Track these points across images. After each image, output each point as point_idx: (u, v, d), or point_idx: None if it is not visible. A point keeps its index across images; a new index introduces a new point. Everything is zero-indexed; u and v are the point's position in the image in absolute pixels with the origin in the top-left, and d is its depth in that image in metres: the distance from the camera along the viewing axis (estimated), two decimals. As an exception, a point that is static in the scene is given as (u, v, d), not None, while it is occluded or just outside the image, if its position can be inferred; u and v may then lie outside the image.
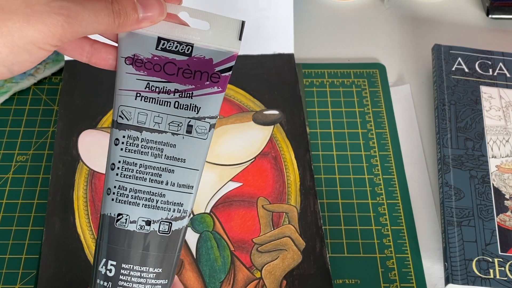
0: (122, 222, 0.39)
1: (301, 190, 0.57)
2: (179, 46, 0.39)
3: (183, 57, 0.39)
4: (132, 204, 0.39)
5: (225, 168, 0.58)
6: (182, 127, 0.39)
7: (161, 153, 0.39)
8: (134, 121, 0.39)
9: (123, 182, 0.39)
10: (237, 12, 0.65)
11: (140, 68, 0.39)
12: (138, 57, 0.39)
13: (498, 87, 0.63)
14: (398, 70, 0.68)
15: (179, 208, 0.39)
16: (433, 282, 0.53)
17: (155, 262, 0.39)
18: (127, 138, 0.39)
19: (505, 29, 0.72)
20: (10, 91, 0.63)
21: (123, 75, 0.39)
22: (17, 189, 0.58)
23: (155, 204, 0.39)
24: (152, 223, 0.39)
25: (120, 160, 0.39)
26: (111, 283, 0.38)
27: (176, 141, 0.39)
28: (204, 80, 0.40)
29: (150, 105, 0.39)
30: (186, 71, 0.39)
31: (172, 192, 0.39)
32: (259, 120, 0.61)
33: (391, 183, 0.59)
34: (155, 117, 0.39)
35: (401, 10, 0.74)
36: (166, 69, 0.39)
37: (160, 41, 0.39)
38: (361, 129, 0.63)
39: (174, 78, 0.39)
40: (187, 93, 0.39)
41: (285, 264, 0.53)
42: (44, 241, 0.53)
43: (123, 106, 0.39)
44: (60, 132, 0.60)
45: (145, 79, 0.39)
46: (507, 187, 0.56)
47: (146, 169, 0.39)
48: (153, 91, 0.39)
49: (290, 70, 0.65)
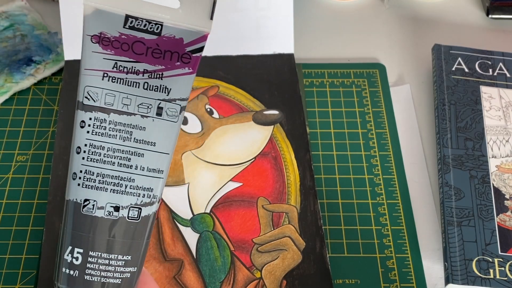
0: (89, 208, 0.37)
1: (301, 190, 0.57)
2: (148, 25, 0.38)
3: (152, 36, 0.38)
4: (99, 189, 0.37)
5: (225, 168, 0.58)
6: (152, 109, 0.38)
7: (130, 136, 0.38)
8: (101, 102, 0.37)
9: (90, 167, 0.37)
10: (237, 12, 0.65)
11: (107, 47, 0.37)
12: (105, 35, 0.37)
13: (498, 87, 0.63)
14: (398, 70, 0.68)
15: (149, 193, 0.38)
16: (433, 282, 0.53)
17: (124, 249, 0.37)
18: (94, 120, 0.37)
19: (505, 29, 0.72)
20: (10, 91, 0.63)
21: (89, 54, 0.37)
22: (17, 189, 0.58)
23: (123, 189, 0.37)
24: (121, 209, 0.37)
25: (87, 143, 0.37)
26: (77, 272, 0.37)
27: (145, 123, 0.38)
28: (175, 60, 0.38)
29: (118, 85, 0.37)
30: (155, 50, 0.38)
31: (142, 177, 0.38)
32: (259, 120, 0.61)
33: (391, 183, 0.59)
34: (124, 98, 0.37)
35: (401, 10, 0.74)
36: (135, 48, 0.38)
37: (128, 19, 0.37)
38: (361, 129, 0.63)
39: (143, 58, 0.38)
40: (156, 73, 0.38)
41: (285, 264, 0.53)
42: (44, 241, 0.53)
43: (89, 87, 0.37)
44: (60, 132, 0.60)
45: (113, 58, 0.37)
46: (507, 187, 0.56)
47: (114, 152, 0.37)
48: (121, 71, 0.37)
49: (290, 70, 0.65)
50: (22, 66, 0.65)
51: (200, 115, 0.61)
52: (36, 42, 0.67)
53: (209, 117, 0.61)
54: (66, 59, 0.65)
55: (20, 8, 0.71)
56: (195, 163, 0.58)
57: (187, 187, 0.57)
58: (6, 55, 0.66)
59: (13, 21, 0.69)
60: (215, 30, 0.66)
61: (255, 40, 0.66)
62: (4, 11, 0.70)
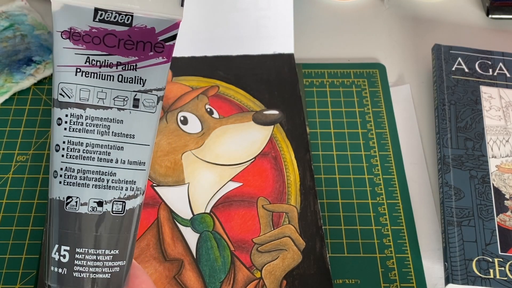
0: (73, 205, 0.37)
1: (301, 190, 0.57)
2: (118, 16, 0.37)
3: (123, 28, 0.37)
4: (81, 185, 0.37)
5: (225, 168, 0.58)
6: (128, 101, 0.37)
7: (108, 130, 0.37)
8: (76, 98, 0.37)
9: (70, 164, 0.37)
10: (237, 12, 0.65)
11: (78, 42, 0.37)
12: (75, 30, 0.37)
13: (498, 87, 0.63)
14: (398, 70, 0.68)
15: (132, 186, 0.38)
16: (433, 282, 0.53)
17: (111, 244, 0.37)
18: (70, 116, 0.37)
19: (505, 29, 0.72)
20: (10, 91, 0.64)
21: (60, 50, 0.37)
22: (17, 189, 0.58)
23: (106, 183, 0.37)
24: (104, 204, 0.37)
25: (65, 140, 0.37)
26: (66, 269, 0.37)
27: (123, 116, 0.37)
28: (148, 50, 0.38)
29: (92, 80, 0.37)
30: (127, 42, 0.37)
31: (123, 170, 0.38)
32: (259, 120, 0.61)
33: (391, 183, 0.59)
34: (99, 92, 0.37)
35: (401, 10, 0.74)
36: (106, 41, 0.37)
37: (97, 12, 0.37)
38: (361, 129, 0.63)
39: (115, 50, 0.37)
40: (130, 65, 0.37)
41: (285, 264, 0.53)
42: (44, 241, 0.53)
43: (63, 83, 0.37)
44: (60, 132, 0.59)
45: (84, 53, 0.37)
46: (507, 187, 0.56)
47: (93, 148, 0.37)
48: (94, 65, 0.37)
49: (290, 70, 0.65)
50: (22, 66, 0.65)
51: (200, 115, 0.61)
52: (36, 42, 0.67)
53: (209, 117, 0.61)
54: (66, 59, 0.65)
55: (20, 8, 0.71)
56: (195, 163, 0.58)
57: (187, 187, 0.57)
58: (6, 55, 0.66)
59: (13, 21, 0.69)
60: (215, 30, 0.67)
61: (255, 40, 0.66)
62: (4, 11, 0.70)
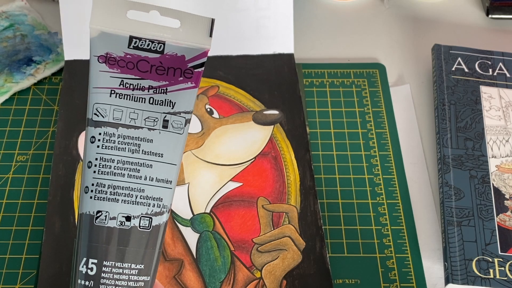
0: (102, 219, 0.38)
1: (301, 190, 0.57)
2: (151, 44, 0.40)
3: (156, 55, 0.40)
4: (111, 200, 0.39)
5: (225, 168, 0.58)
6: (158, 122, 0.40)
7: (138, 148, 0.39)
8: (110, 117, 0.39)
9: (101, 179, 0.39)
10: (237, 12, 0.65)
11: (113, 66, 0.39)
12: (111, 55, 0.39)
13: (498, 87, 0.63)
14: (398, 70, 0.68)
15: (159, 203, 0.39)
16: (433, 282, 0.53)
17: (137, 259, 0.39)
18: (104, 135, 0.39)
19: (505, 29, 0.73)
20: (10, 91, 0.64)
21: (97, 73, 0.39)
22: (17, 189, 0.58)
23: (134, 199, 0.39)
24: (132, 219, 0.39)
25: (97, 157, 0.39)
26: (93, 282, 0.38)
27: (152, 136, 0.40)
28: (178, 76, 0.40)
29: (125, 101, 0.39)
30: (159, 68, 0.40)
31: (151, 187, 0.39)
32: (259, 120, 0.61)
33: (391, 183, 0.59)
34: (131, 113, 0.39)
35: (401, 10, 0.74)
36: (139, 66, 0.40)
37: (132, 39, 0.40)
38: (361, 129, 0.63)
39: (147, 75, 0.40)
40: (161, 89, 0.40)
41: (285, 264, 0.53)
42: (44, 241, 0.53)
43: (98, 104, 0.39)
44: (60, 132, 0.60)
45: (119, 76, 0.39)
46: (507, 187, 0.56)
47: (124, 164, 0.39)
48: (128, 88, 0.39)
49: (290, 70, 0.65)
50: (22, 66, 0.65)
51: (200, 115, 0.61)
52: (36, 42, 0.67)
53: (209, 117, 0.61)
54: (66, 59, 0.65)
55: (20, 8, 0.71)
56: (195, 163, 0.58)
57: (187, 187, 0.57)
58: (6, 55, 0.66)
59: (13, 21, 0.69)
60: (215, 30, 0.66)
61: (255, 40, 0.66)
62: (4, 11, 0.70)
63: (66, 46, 0.64)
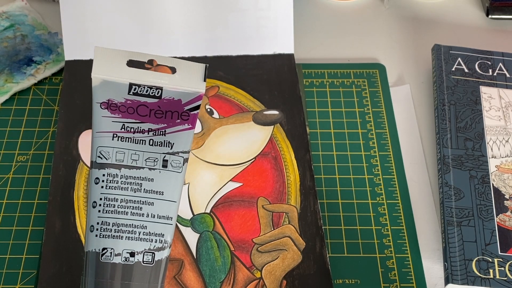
0: (107, 256, 0.41)
1: (301, 190, 0.57)
2: (150, 90, 0.43)
3: (154, 100, 0.43)
4: (115, 237, 0.41)
5: (225, 168, 0.58)
6: (158, 162, 0.42)
7: (140, 187, 0.42)
8: (113, 159, 0.42)
9: (106, 218, 0.41)
10: (237, 12, 0.65)
11: (114, 112, 0.42)
12: (112, 101, 0.42)
13: (498, 87, 0.63)
14: (398, 70, 0.68)
15: (161, 239, 0.42)
16: (433, 282, 0.53)
17: None
18: (107, 176, 0.41)
19: (505, 29, 0.73)
20: (10, 91, 0.64)
21: (100, 119, 0.42)
22: (17, 189, 0.58)
23: (137, 235, 0.41)
24: (136, 254, 0.41)
25: (101, 197, 0.41)
26: None
27: (153, 175, 0.42)
28: (175, 118, 0.43)
29: (127, 144, 0.42)
30: (157, 111, 0.43)
31: (153, 224, 0.42)
32: (259, 120, 0.61)
33: (391, 183, 0.59)
34: (132, 154, 0.42)
35: (401, 10, 0.74)
36: (139, 111, 0.42)
37: (131, 86, 0.42)
38: (361, 129, 0.63)
39: (147, 118, 0.43)
40: (160, 131, 0.43)
41: (285, 264, 0.53)
42: (44, 241, 0.53)
43: (101, 147, 0.42)
44: (61, 132, 0.60)
45: (120, 121, 0.42)
46: (507, 187, 0.56)
47: (127, 203, 0.41)
48: (129, 131, 0.42)
49: (290, 70, 0.65)
50: (23, 66, 0.65)
51: (200, 115, 0.61)
52: (36, 42, 0.67)
53: (209, 117, 0.61)
54: (66, 59, 0.65)
55: (21, 8, 0.71)
56: (195, 163, 0.58)
57: (187, 187, 0.57)
58: (7, 55, 0.66)
59: (13, 21, 0.69)
60: (215, 30, 0.67)
61: (255, 40, 0.66)
62: (5, 11, 0.70)
63: (67, 46, 0.64)
